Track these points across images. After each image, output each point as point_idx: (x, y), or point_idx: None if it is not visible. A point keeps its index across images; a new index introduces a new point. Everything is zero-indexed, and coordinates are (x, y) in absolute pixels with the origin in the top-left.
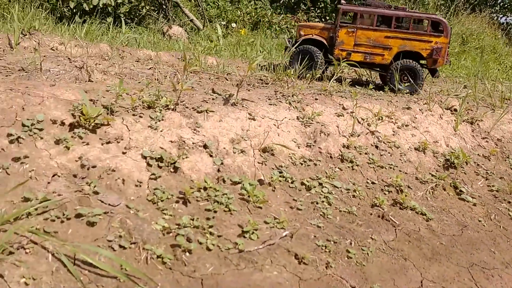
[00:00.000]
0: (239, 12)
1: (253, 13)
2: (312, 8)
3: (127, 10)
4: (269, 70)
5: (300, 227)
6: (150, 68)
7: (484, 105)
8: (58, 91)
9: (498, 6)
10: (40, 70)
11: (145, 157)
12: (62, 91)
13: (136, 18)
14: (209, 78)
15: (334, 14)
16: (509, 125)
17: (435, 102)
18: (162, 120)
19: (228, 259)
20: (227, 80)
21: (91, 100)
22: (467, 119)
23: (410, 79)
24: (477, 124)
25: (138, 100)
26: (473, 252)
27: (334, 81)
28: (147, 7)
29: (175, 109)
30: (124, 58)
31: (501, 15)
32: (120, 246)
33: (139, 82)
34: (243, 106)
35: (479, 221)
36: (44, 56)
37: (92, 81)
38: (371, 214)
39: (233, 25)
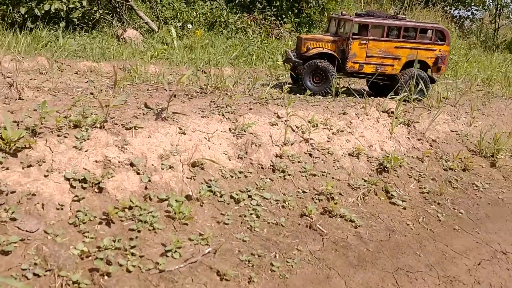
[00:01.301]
0: (194, 13)
1: (208, 14)
2: (268, 7)
3: (80, 15)
4: (208, 77)
5: (225, 242)
6: (87, 82)
7: (421, 106)
8: None
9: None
10: None
11: (68, 179)
12: None
13: (90, 23)
14: (147, 90)
15: (290, 13)
16: (444, 125)
17: (373, 106)
18: (88, 139)
19: (148, 280)
20: (166, 90)
21: (15, 121)
22: (404, 121)
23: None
24: (413, 125)
25: (65, 119)
26: (398, 257)
27: (274, 88)
28: (101, 11)
29: (103, 127)
30: (63, 71)
31: (454, 8)
32: (35, 274)
33: (72, 98)
34: (173, 120)
35: (408, 224)
36: None
37: (22, 99)
38: (299, 224)
39: (189, 26)
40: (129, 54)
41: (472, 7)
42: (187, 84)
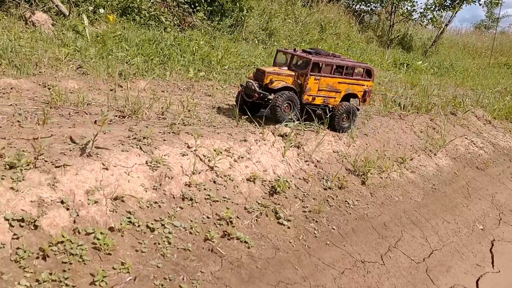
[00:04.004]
0: None
1: None
2: None
3: None
4: (125, 91)
5: (142, 269)
6: (10, 105)
7: (310, 129)
8: None
9: None
10: None
11: (7, 220)
12: None
13: None
14: (69, 114)
15: (203, 1)
16: (328, 147)
17: (270, 131)
18: (23, 180)
19: None
20: (87, 114)
21: None
22: (295, 144)
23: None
24: (302, 148)
25: (1, 159)
26: (281, 271)
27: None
28: None
29: (35, 165)
30: None
31: (355, 3)
32: None
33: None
34: (97, 156)
35: (290, 242)
36: None
37: None
38: (203, 248)
39: (101, 10)
40: (41, 47)
41: (371, 3)
42: (106, 105)
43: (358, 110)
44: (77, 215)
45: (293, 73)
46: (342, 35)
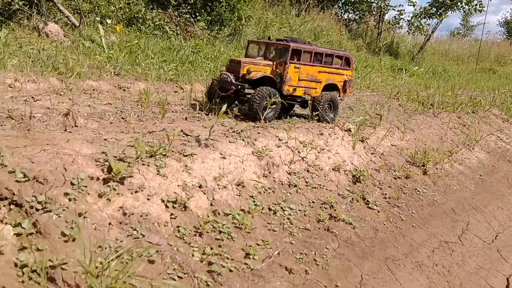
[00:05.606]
0: (112, 8)
1: (126, 9)
2: (183, 4)
3: None
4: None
5: (280, 245)
6: (106, 104)
7: (367, 125)
8: (75, 146)
9: (340, 2)
10: (30, 118)
11: (163, 201)
12: (79, 146)
13: (5, 13)
14: (159, 112)
15: (203, 11)
16: (387, 141)
17: (337, 126)
18: (165, 167)
19: (246, 277)
20: (174, 112)
21: (103, 152)
22: (359, 138)
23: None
24: (366, 142)
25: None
26: (385, 249)
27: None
28: (21, 2)
29: (168, 155)
30: (71, 90)
31: (344, 11)
32: (178, 277)
33: (111, 123)
34: (213, 147)
35: (384, 224)
36: (12, 97)
37: (77, 126)
38: (319, 228)
39: (108, 21)
40: (71, 56)
41: (359, 11)
42: (181, 103)
43: (341, 101)
44: (213, 199)
45: (271, 63)
46: (334, 42)
